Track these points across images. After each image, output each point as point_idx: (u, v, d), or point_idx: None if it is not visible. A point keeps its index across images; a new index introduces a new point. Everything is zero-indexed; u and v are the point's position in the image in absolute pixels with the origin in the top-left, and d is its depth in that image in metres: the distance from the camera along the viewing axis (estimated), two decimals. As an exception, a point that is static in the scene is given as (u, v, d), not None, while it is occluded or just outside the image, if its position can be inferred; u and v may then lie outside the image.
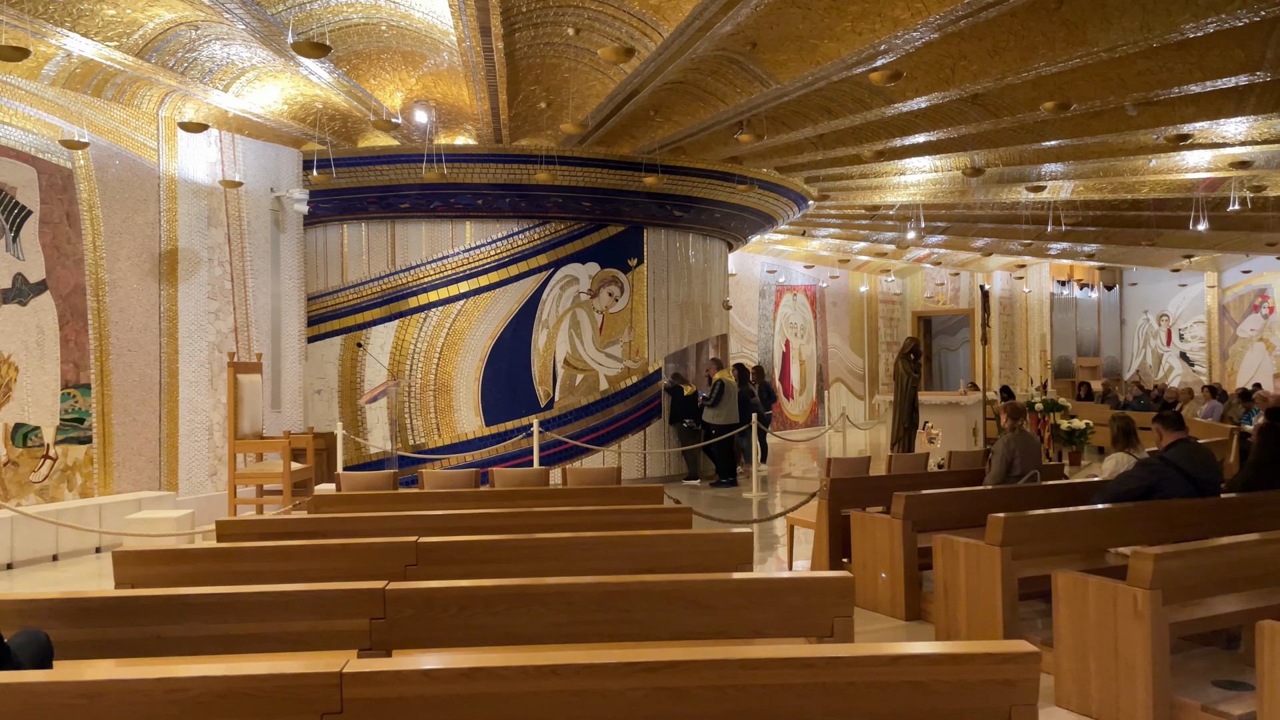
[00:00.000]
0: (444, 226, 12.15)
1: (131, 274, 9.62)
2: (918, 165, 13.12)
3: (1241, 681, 4.67)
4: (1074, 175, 13.51)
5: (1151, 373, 24.97)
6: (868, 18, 7.51)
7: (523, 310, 12.26)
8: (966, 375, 23.66)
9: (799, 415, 21.83)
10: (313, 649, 3.51)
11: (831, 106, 9.85)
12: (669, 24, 7.63)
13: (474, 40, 8.00)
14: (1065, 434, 13.90)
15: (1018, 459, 7.43)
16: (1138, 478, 5.95)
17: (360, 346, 12.09)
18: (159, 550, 4.56)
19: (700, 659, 2.52)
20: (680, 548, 4.66)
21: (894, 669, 2.57)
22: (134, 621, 3.51)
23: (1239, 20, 6.96)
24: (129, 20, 7.79)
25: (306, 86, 9.62)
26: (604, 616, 3.54)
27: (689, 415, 12.96)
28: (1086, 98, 9.03)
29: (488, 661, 2.49)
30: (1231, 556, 4.65)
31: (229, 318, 10.47)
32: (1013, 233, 18.19)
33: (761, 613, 3.58)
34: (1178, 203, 15.06)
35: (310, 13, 8.04)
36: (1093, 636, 4.50)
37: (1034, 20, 7.71)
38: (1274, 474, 6.36)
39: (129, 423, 9.54)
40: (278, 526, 5.60)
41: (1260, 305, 23.40)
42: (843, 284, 23.81)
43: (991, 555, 5.31)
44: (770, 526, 9.71)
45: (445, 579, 3.80)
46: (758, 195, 13.18)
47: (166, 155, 9.94)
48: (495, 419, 12.14)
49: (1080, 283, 24.74)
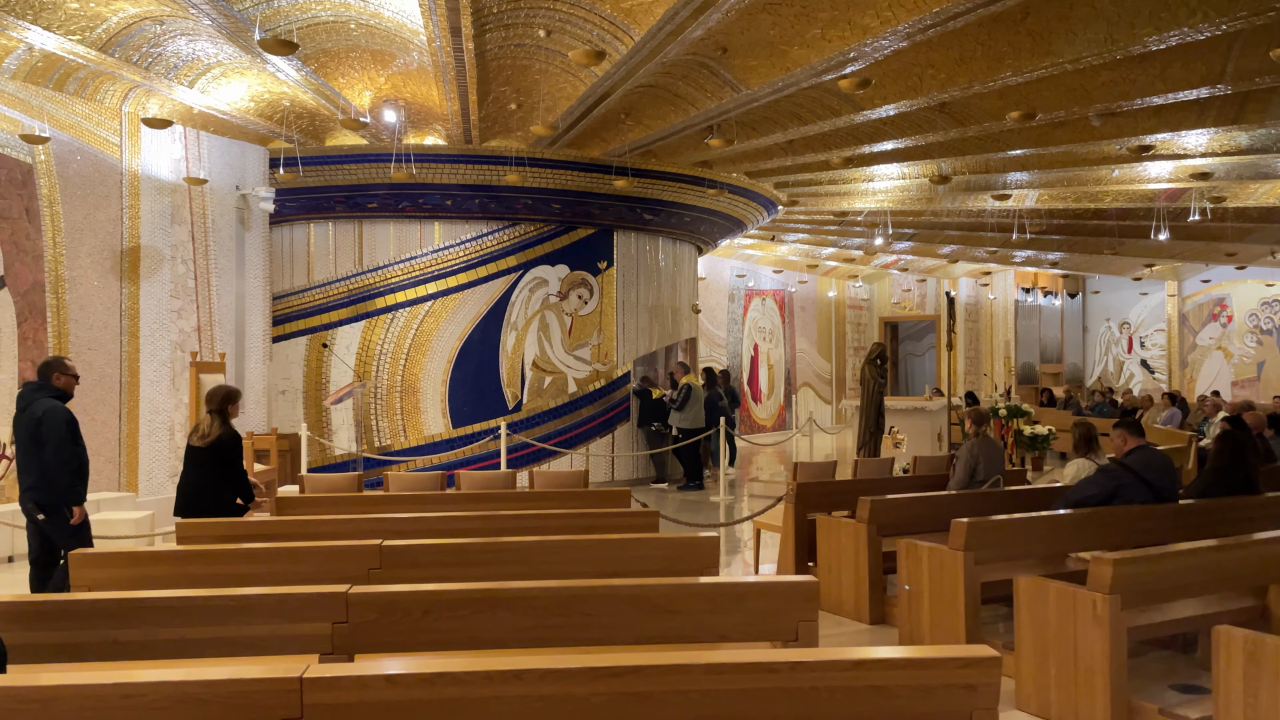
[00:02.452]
0: (412, 227, 12.07)
1: (92, 271, 9.47)
2: (886, 172, 13.23)
3: (1198, 685, 4.74)
4: (1039, 184, 13.68)
5: (1113, 380, 25.34)
6: (837, 25, 7.56)
7: (491, 312, 12.21)
8: (932, 381, 23.88)
9: (767, 419, 21.92)
10: (274, 653, 3.47)
11: (801, 113, 9.91)
12: (640, 27, 7.64)
13: (444, 40, 7.96)
14: (1028, 440, 14.06)
15: (981, 464, 7.51)
16: (1098, 484, 6.04)
17: (326, 347, 11.98)
18: (117, 553, 4.49)
19: (664, 664, 2.52)
20: (646, 551, 4.66)
21: (856, 673, 2.58)
22: (90, 625, 3.45)
23: (1200, 34, 7.08)
24: (92, 14, 7.67)
25: (274, 84, 9.53)
26: (569, 621, 3.53)
27: (657, 418, 12.97)
28: (1051, 108, 9.15)
29: (451, 666, 2.47)
30: (1189, 562, 4.72)
31: (192, 316, 10.34)
32: (978, 240, 18.39)
33: (726, 617, 3.59)
34: (1140, 212, 15.30)
35: (278, 9, 7.97)
36: (1053, 640, 4.55)
37: (1001, 31, 7.80)
38: (1231, 481, 6.47)
39: (88, 422, 9.36)
40: (239, 529, 5.53)
41: (1219, 314, 23.83)
42: (811, 289, 23.94)
43: (955, 560, 5.36)
44: (737, 530, 9.73)
45: (409, 583, 3.77)
46: (727, 200, 13.22)
47: (130, 151, 9.80)
48: (462, 421, 12.08)
49: (1044, 290, 25.06)
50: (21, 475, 5.73)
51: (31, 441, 5.64)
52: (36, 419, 5.63)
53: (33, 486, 5.67)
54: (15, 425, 5.80)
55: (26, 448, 5.67)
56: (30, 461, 5.66)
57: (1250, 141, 10.72)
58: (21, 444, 5.71)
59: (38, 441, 5.62)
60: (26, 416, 5.69)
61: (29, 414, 5.68)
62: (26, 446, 5.67)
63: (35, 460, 5.63)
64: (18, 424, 5.76)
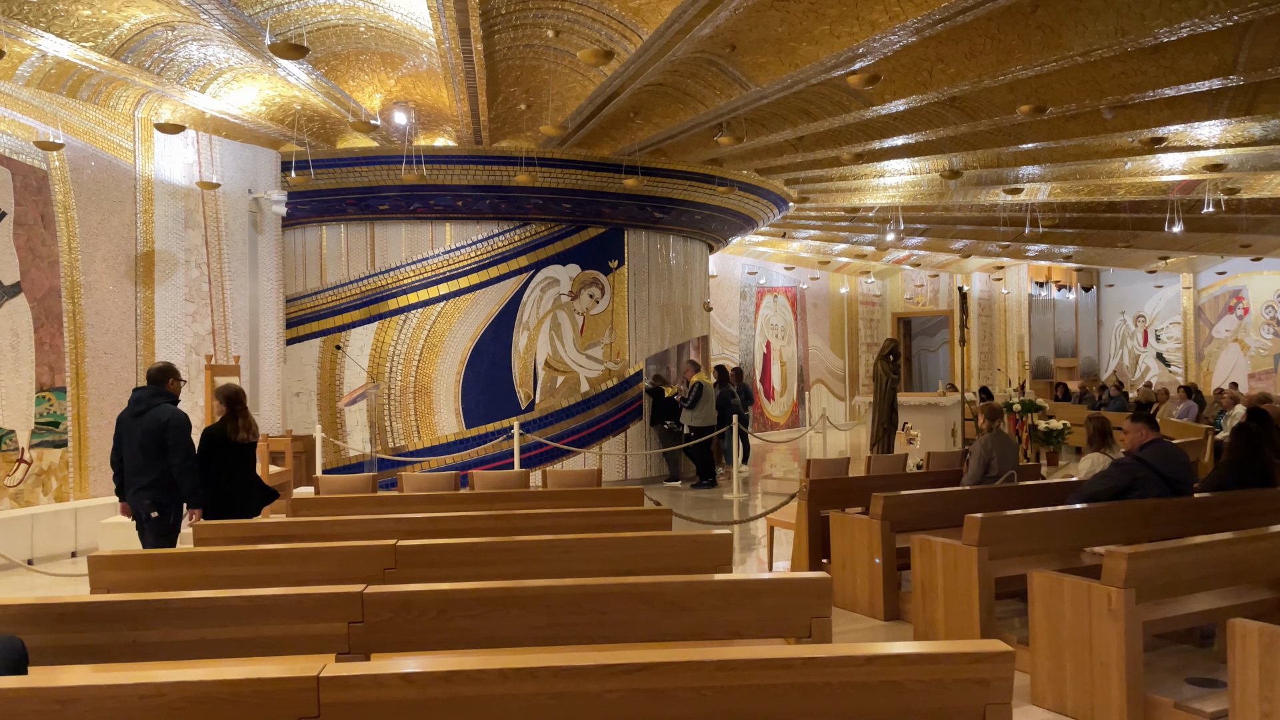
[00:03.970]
0: (424, 228, 12.12)
1: (107, 276, 9.54)
2: (896, 167, 13.20)
3: (1214, 679, 4.72)
4: (1051, 178, 13.62)
5: (1129, 373, 25.21)
6: (846, 21, 7.55)
7: (503, 312, 12.24)
8: (945, 376, 23.82)
9: (780, 416, 21.90)
10: (290, 653, 3.49)
11: (810, 109, 9.89)
12: (648, 26, 7.64)
13: (453, 42, 7.99)
14: (1043, 434, 13.99)
15: (995, 459, 7.49)
16: (1113, 478, 6.02)
17: (339, 349, 12.04)
18: (135, 554, 4.53)
19: (678, 660, 2.53)
20: (659, 549, 4.66)
21: (870, 669, 2.58)
22: (109, 627, 3.48)
23: (1211, 25, 7.04)
24: (104, 21, 7.73)
25: (284, 87, 9.58)
26: (582, 619, 3.55)
27: (670, 417, 12.98)
28: (1062, 101, 9.11)
29: (466, 665, 2.49)
30: (1204, 555, 4.70)
31: (206, 320, 10.40)
32: (991, 234, 18.33)
33: (740, 614, 3.60)
34: (1153, 205, 15.21)
35: (288, 14, 8.01)
36: (1068, 635, 4.54)
37: (1010, 24, 7.77)
38: (1247, 473, 6.43)
39: (105, 426, 9.45)
40: (255, 530, 5.57)
41: (1235, 306, 23.66)
42: (823, 285, 23.90)
43: (969, 555, 5.35)
44: (750, 527, 9.74)
45: (424, 582, 3.79)
46: (738, 197, 13.22)
47: (143, 156, 9.87)
48: (475, 421, 12.12)
49: (1058, 284, 24.95)
50: (135, 474, 6.08)
51: (154, 444, 6.03)
52: (162, 424, 6.02)
53: (151, 485, 6.05)
54: (127, 425, 6.14)
55: (145, 448, 6.04)
56: (149, 462, 6.04)
57: (1264, 132, 10.65)
58: (137, 444, 6.06)
59: (161, 445, 6.02)
60: (147, 420, 6.05)
61: (150, 417, 6.05)
62: (145, 447, 6.04)
63: (156, 462, 6.03)
64: (131, 425, 6.10)
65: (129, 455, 6.11)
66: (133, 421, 6.10)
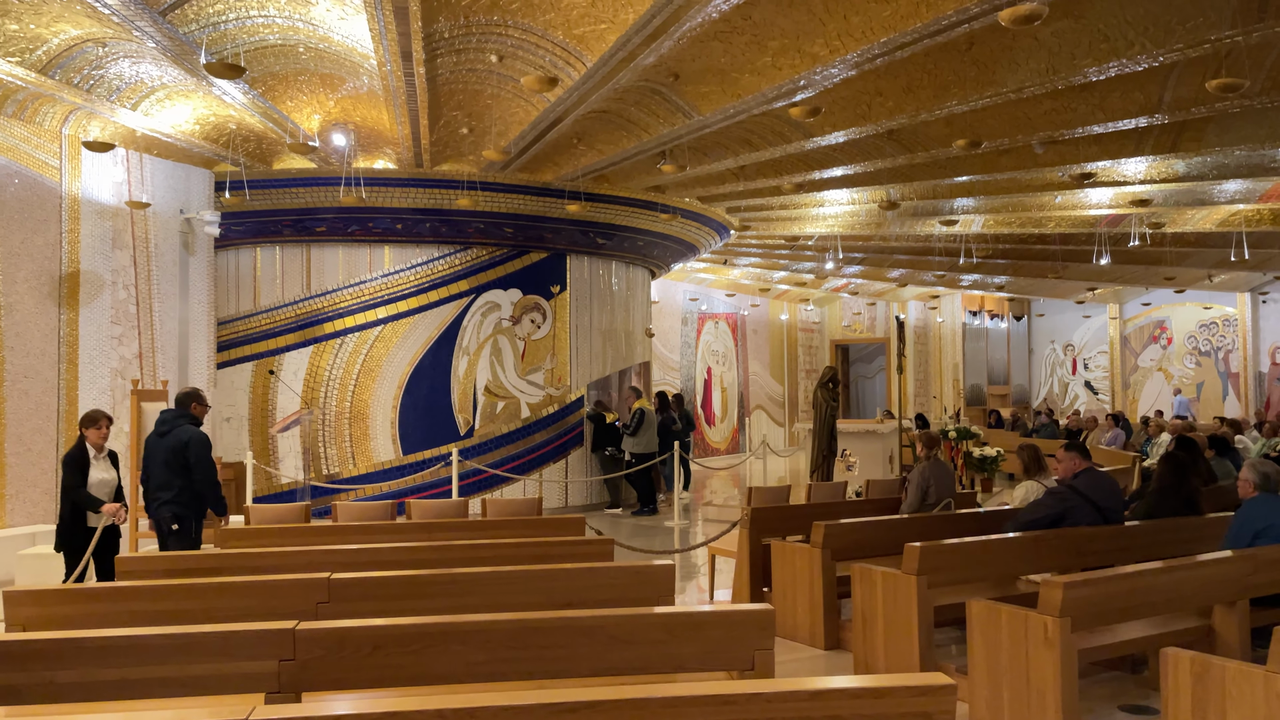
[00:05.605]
0: (362, 251, 11.95)
1: (29, 297, 9.22)
2: (836, 198, 13.39)
3: (1147, 706, 4.80)
4: (984, 210, 13.94)
5: (1058, 400, 25.83)
6: (787, 53, 7.65)
7: (443, 336, 12.11)
8: (883, 403, 24.14)
9: (721, 442, 21.97)
10: (218, 693, 3.36)
11: (752, 139, 10.00)
12: (592, 54, 7.66)
13: (395, 65, 7.91)
14: (977, 461, 14.24)
15: (932, 487, 7.58)
16: (1047, 506, 6.12)
17: (272, 373, 11.78)
18: (52, 590, 4.33)
19: (621, 698, 2.49)
20: (601, 581, 4.61)
21: (815, 704, 2.57)
22: (25, 666, 3.32)
23: (1138, 65, 7.28)
24: (32, 36, 7.51)
25: (220, 107, 9.39)
26: (523, 654, 3.47)
27: (611, 443, 12.93)
28: (996, 136, 9.34)
29: (402, 705, 2.41)
30: (1137, 584, 4.79)
31: (133, 343, 10.10)
32: (926, 264, 18.68)
33: (683, 647, 3.56)
34: (1082, 237, 15.66)
35: (224, 32, 7.86)
36: (1005, 663, 4.58)
37: (946, 60, 7.95)
38: (1176, 501, 6.59)
39: (24, 453, 9.10)
40: (182, 563, 5.38)
41: (1159, 336, 24.43)
42: (763, 312, 24.12)
43: (908, 584, 5.38)
44: (691, 555, 9.71)
45: (359, 617, 3.68)
46: (680, 224, 13.28)
47: (70, 174, 9.59)
48: (413, 448, 11.93)
49: (991, 313, 25.52)
50: (158, 489, 6.68)
51: (176, 462, 6.64)
52: (184, 444, 6.66)
53: (173, 500, 6.65)
54: (152, 445, 6.81)
55: (169, 465, 6.65)
56: (172, 479, 6.65)
57: (1187, 169, 11.03)
58: (160, 461, 6.69)
59: (183, 463, 6.64)
60: (171, 440, 6.70)
61: (173, 438, 6.70)
62: (169, 464, 6.65)
63: (179, 479, 6.64)
64: (156, 445, 6.77)
65: (154, 472, 6.73)
66: (157, 441, 6.76)
